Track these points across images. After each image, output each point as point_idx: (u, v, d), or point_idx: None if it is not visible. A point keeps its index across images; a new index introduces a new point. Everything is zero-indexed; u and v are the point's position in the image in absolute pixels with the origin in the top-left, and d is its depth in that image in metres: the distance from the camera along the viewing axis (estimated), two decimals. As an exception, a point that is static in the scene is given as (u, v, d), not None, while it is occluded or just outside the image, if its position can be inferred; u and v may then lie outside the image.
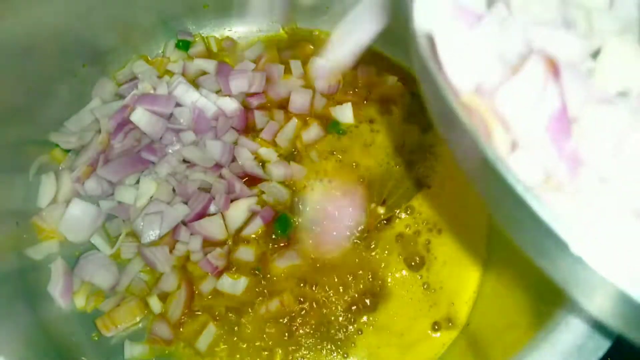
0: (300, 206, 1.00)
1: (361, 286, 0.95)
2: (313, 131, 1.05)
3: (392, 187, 1.02)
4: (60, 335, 0.91)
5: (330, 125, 1.06)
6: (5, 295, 0.85)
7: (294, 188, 1.01)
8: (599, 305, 0.47)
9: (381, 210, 1.01)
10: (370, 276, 0.96)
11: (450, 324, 0.94)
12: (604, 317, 0.49)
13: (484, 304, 0.94)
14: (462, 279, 0.97)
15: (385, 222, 1.00)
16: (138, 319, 0.93)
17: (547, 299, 0.71)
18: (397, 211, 1.00)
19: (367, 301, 0.94)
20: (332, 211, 1.00)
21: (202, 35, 1.14)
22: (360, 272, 0.96)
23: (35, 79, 0.94)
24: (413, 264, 0.97)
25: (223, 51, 1.15)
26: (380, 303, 0.94)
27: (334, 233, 0.99)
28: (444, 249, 0.98)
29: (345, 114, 1.07)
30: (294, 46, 1.16)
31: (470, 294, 0.96)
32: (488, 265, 0.97)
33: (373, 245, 0.98)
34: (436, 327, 0.93)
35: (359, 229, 0.99)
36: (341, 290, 0.95)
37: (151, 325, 0.92)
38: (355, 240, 0.98)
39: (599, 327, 0.61)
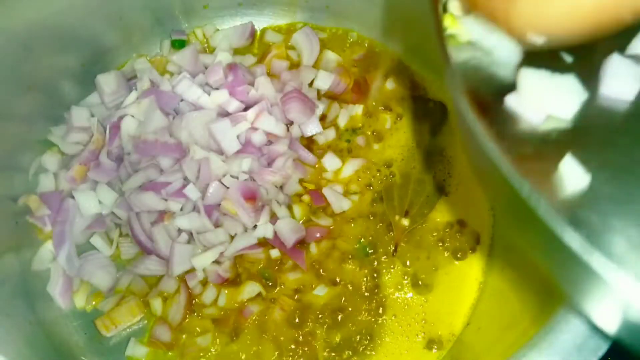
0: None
1: (362, 318, 0.93)
2: (330, 134, 1.05)
3: (413, 194, 1.00)
4: (59, 335, 0.91)
5: (349, 132, 1.06)
6: (5, 295, 0.85)
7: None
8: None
9: (405, 222, 0.98)
10: (375, 304, 0.94)
11: (440, 345, 0.93)
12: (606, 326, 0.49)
13: (484, 304, 0.93)
14: (462, 296, 0.95)
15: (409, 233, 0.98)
16: (138, 318, 0.93)
17: (547, 299, 0.71)
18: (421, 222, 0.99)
19: (364, 337, 0.92)
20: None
21: (197, 34, 1.14)
22: (368, 299, 0.94)
23: (34, 79, 0.94)
24: (416, 289, 0.95)
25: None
26: (376, 340, 0.92)
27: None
28: (446, 277, 0.96)
29: (354, 114, 1.07)
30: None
31: (469, 305, 0.95)
32: (489, 268, 0.97)
33: (393, 268, 0.96)
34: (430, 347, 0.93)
35: (385, 244, 0.98)
36: (340, 319, 0.93)
37: (152, 328, 0.92)
38: (383, 258, 0.97)
39: (599, 326, 0.61)
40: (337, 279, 0.95)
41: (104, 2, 1.00)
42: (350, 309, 0.94)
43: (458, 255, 0.97)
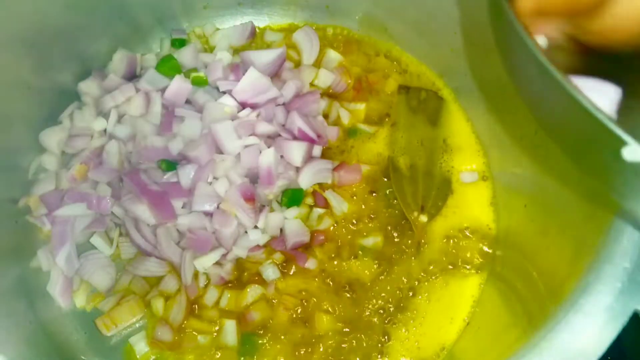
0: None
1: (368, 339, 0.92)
2: (333, 132, 1.05)
3: (424, 188, 1.00)
4: (59, 335, 0.91)
5: (351, 131, 1.06)
6: (5, 295, 0.85)
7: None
8: None
9: (424, 218, 0.98)
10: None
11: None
12: None
13: (483, 305, 0.93)
14: (456, 312, 0.94)
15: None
16: (138, 317, 0.93)
17: (548, 296, 0.71)
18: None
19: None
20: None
21: (197, 33, 1.14)
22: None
23: (34, 78, 0.94)
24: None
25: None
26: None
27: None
28: (437, 304, 0.94)
29: (357, 113, 1.07)
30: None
31: (462, 318, 0.94)
32: (490, 270, 0.96)
33: (421, 281, 0.95)
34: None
35: (409, 243, 0.97)
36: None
37: (154, 329, 0.92)
38: (405, 256, 0.96)
39: (599, 326, 0.61)
40: (341, 282, 0.95)
41: (104, 2, 1.00)
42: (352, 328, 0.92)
43: (460, 269, 0.96)
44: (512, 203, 0.96)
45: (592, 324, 0.61)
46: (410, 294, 0.94)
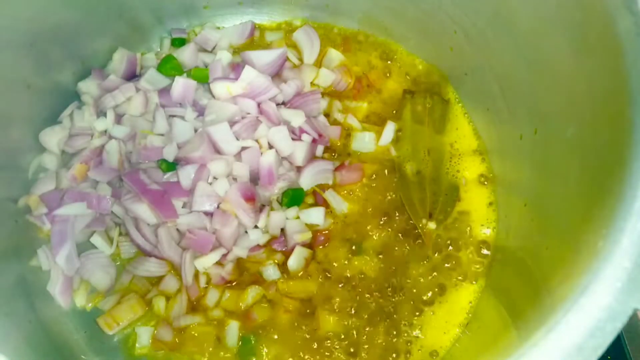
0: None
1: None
2: (334, 131, 1.05)
3: (431, 194, 0.99)
4: (59, 334, 0.91)
5: (352, 130, 1.06)
6: (5, 294, 0.85)
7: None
8: None
9: (432, 225, 0.98)
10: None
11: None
12: None
13: (484, 304, 0.93)
14: (453, 318, 0.94)
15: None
16: (139, 315, 0.93)
17: (547, 296, 0.71)
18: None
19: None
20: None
21: (197, 33, 1.14)
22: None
23: (34, 78, 0.94)
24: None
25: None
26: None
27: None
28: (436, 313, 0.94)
29: (358, 113, 1.07)
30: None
31: (468, 310, 0.95)
32: (491, 270, 0.97)
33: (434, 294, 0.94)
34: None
35: (413, 246, 0.97)
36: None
37: (155, 328, 0.92)
38: (407, 258, 0.96)
39: (599, 325, 0.61)
40: (342, 283, 0.95)
41: (104, 1, 1.00)
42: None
43: (461, 270, 0.96)
44: (512, 203, 0.96)
45: (592, 323, 0.61)
46: (412, 295, 0.94)
